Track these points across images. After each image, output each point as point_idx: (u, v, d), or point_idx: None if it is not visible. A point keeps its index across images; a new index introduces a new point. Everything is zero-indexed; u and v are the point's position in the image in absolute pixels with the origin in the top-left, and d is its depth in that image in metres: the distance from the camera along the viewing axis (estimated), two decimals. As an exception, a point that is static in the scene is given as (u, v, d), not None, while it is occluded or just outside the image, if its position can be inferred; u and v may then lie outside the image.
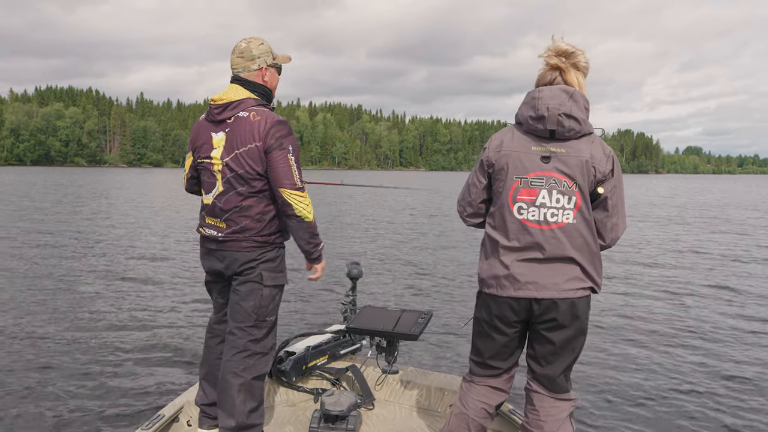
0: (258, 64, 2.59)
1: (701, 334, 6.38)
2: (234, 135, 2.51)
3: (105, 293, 7.79)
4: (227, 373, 2.60)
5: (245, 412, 2.59)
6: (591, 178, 2.24)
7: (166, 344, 5.64)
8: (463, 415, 2.44)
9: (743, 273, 10.43)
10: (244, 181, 2.51)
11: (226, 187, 2.54)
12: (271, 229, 2.58)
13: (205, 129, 2.62)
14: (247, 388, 2.59)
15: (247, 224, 2.53)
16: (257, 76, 2.60)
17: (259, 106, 2.56)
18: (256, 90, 2.59)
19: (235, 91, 2.56)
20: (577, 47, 2.33)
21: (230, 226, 2.55)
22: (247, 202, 2.53)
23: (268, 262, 2.59)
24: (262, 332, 2.62)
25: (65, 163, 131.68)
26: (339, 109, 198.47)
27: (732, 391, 4.77)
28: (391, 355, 3.40)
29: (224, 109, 2.55)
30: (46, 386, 4.50)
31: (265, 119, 2.50)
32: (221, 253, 2.59)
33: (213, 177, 2.58)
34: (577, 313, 2.25)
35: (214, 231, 2.60)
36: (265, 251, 2.57)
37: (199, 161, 2.63)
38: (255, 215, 2.54)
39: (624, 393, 4.69)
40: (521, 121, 2.32)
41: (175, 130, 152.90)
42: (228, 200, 2.54)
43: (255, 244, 2.55)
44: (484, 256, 2.38)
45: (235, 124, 2.52)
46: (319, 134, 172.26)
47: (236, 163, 2.51)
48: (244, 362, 2.59)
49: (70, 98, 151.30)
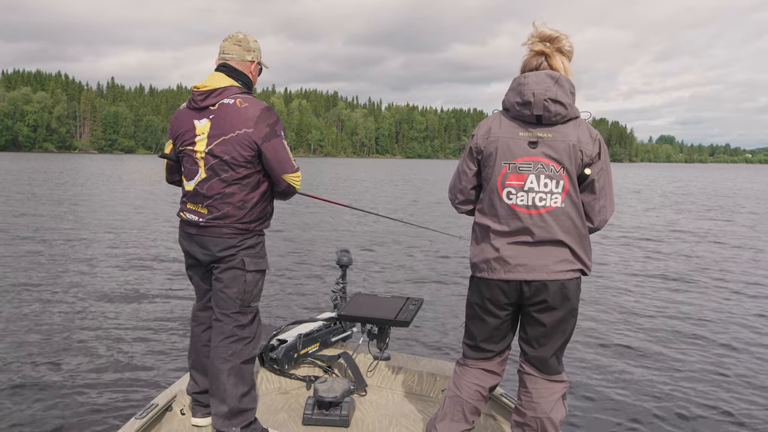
0: (252, 56, 2.68)
1: (692, 318, 6.56)
2: (220, 121, 2.52)
3: (91, 286, 7.67)
4: (216, 359, 2.62)
5: (237, 396, 2.60)
6: (578, 162, 2.27)
7: (157, 333, 5.60)
8: (457, 398, 2.48)
9: (732, 257, 10.72)
10: (229, 167, 2.51)
11: (210, 173, 2.54)
12: (251, 217, 2.59)
13: (187, 116, 2.61)
14: (237, 372, 2.61)
15: (229, 211, 2.55)
16: (248, 68, 2.67)
17: (243, 93, 2.59)
18: (240, 79, 2.62)
19: (219, 78, 2.59)
20: (561, 31, 2.34)
21: (212, 212, 2.56)
22: (230, 189, 2.53)
23: (249, 249, 2.60)
24: (248, 318, 2.65)
25: (33, 149, 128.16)
26: (315, 96, 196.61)
27: (722, 374, 4.93)
28: (382, 342, 3.43)
29: (208, 96, 2.56)
30: (37, 378, 4.44)
31: (253, 106, 2.53)
32: (201, 238, 2.60)
33: (195, 164, 2.57)
34: (567, 295, 2.29)
35: (195, 216, 2.60)
36: (246, 238, 2.59)
37: (181, 149, 2.63)
38: (237, 202, 2.55)
39: (615, 376, 4.82)
40: (508, 107, 2.34)
41: (147, 116, 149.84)
42: (211, 186, 2.54)
43: (235, 230, 2.56)
44: (476, 241, 2.41)
45: (220, 110, 2.53)
46: (294, 121, 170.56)
47: (222, 149, 2.51)
48: (231, 347, 2.61)
49: (39, 82, 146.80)
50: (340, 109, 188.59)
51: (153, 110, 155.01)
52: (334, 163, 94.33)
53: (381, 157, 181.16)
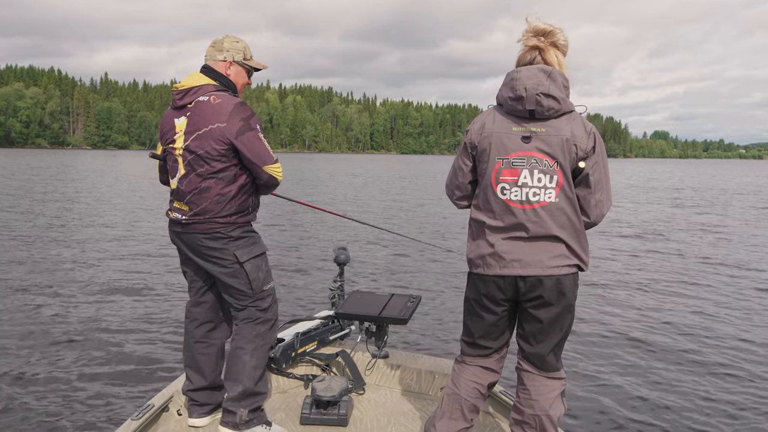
0: (224, 56, 2.70)
1: (691, 313, 6.58)
2: (195, 118, 2.59)
3: (86, 285, 7.64)
4: (240, 339, 2.69)
5: (255, 378, 2.67)
6: (572, 156, 2.25)
7: (153, 332, 5.58)
8: (455, 396, 2.47)
9: (729, 250, 10.77)
10: (204, 161, 2.56)
11: (188, 169, 2.60)
12: (230, 211, 2.61)
13: (169, 116, 2.70)
14: (259, 355, 2.69)
15: (206, 206, 2.58)
16: (222, 67, 2.71)
17: (218, 91, 2.65)
18: (218, 79, 2.68)
19: (196, 77, 2.67)
20: (555, 25, 2.33)
21: (192, 209, 2.61)
22: (206, 184, 2.57)
23: (237, 240, 2.64)
24: (267, 302, 2.73)
25: (26, 145, 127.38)
26: (309, 92, 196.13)
27: (723, 367, 4.96)
28: (380, 340, 3.42)
29: (185, 95, 2.63)
30: (31, 380, 4.42)
31: (226, 102, 2.58)
32: (186, 236, 2.65)
33: (176, 161, 2.64)
34: (563, 291, 2.27)
35: (179, 214, 2.66)
36: (230, 231, 2.62)
37: (165, 147, 2.71)
38: (213, 196, 2.58)
39: (615, 372, 4.83)
40: (501, 102, 2.33)
41: (140, 112, 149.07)
42: (189, 182, 2.60)
43: (216, 225, 2.60)
44: (472, 238, 2.41)
45: (196, 107, 2.60)
46: (289, 117, 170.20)
47: (196, 144, 2.57)
48: (256, 329, 2.70)
49: (31, 78, 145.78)
50: (334, 105, 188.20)
51: (147, 106, 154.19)
52: (329, 159, 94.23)
53: (376, 152, 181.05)
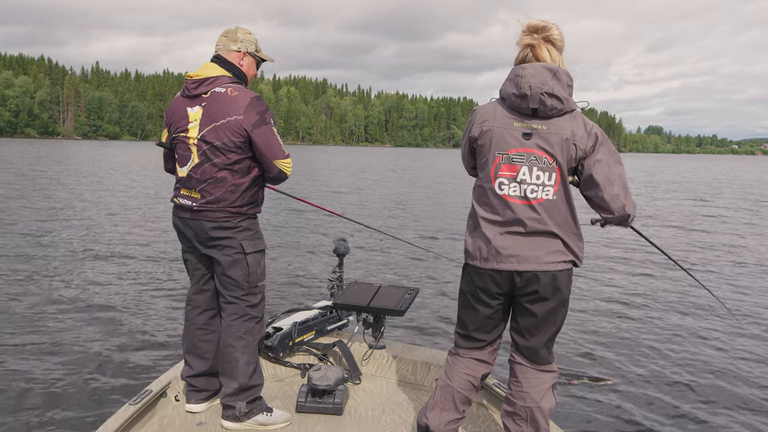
0: (239, 47, 2.76)
1: (689, 308, 6.66)
2: (211, 108, 2.62)
3: (85, 272, 7.64)
4: (229, 337, 2.74)
5: (248, 374, 2.74)
6: (571, 156, 2.28)
7: (151, 319, 5.61)
8: (448, 387, 2.51)
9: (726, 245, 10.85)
10: (220, 152, 2.61)
11: (202, 159, 2.63)
12: (243, 201, 2.68)
13: (180, 104, 2.72)
14: (250, 350, 2.75)
15: (221, 195, 2.63)
16: (235, 58, 2.75)
17: (233, 83, 2.69)
18: (232, 70, 2.72)
19: (212, 68, 2.70)
20: (549, 21, 2.33)
21: (204, 197, 2.65)
22: (222, 174, 2.62)
23: (245, 231, 2.70)
24: (257, 298, 2.79)
25: (15, 134, 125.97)
26: (303, 83, 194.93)
27: (714, 360, 5.04)
28: (377, 331, 3.48)
29: (200, 85, 2.67)
30: (28, 365, 4.44)
31: (243, 95, 2.63)
32: (195, 222, 2.69)
33: (188, 150, 2.67)
34: (559, 286, 2.32)
35: (188, 201, 2.69)
36: (240, 221, 2.68)
37: (175, 135, 2.72)
38: (229, 187, 2.64)
39: (606, 365, 4.89)
40: (504, 96, 2.35)
41: (132, 102, 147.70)
42: (203, 171, 2.63)
43: (228, 214, 2.65)
44: (470, 230, 2.45)
45: (212, 98, 2.63)
46: (282, 108, 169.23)
47: (213, 135, 2.61)
48: (245, 326, 2.75)
49: (21, 66, 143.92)
50: (329, 97, 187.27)
51: (139, 96, 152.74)
52: (323, 151, 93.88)
53: (370, 145, 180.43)
